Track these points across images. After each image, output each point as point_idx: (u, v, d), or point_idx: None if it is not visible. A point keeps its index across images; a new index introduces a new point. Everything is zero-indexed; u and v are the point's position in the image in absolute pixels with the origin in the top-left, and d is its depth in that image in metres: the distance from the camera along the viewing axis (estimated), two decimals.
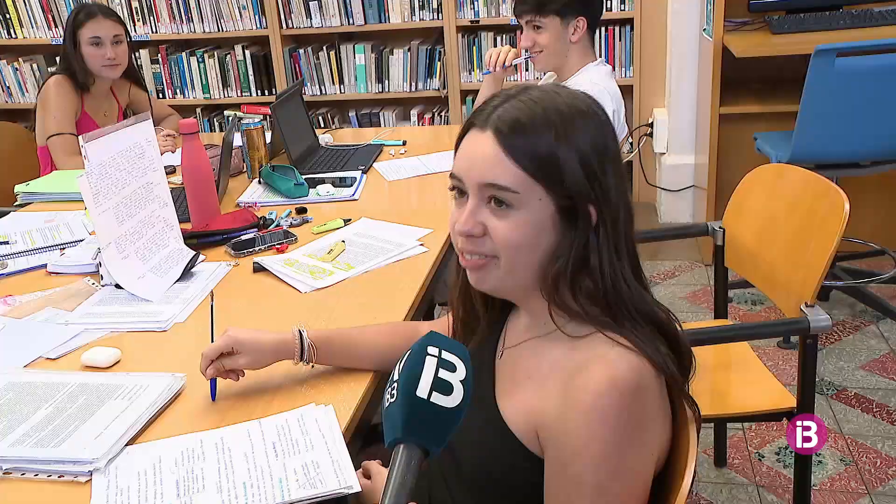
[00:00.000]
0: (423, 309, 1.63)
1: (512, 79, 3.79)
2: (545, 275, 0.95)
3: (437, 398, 0.81)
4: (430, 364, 0.82)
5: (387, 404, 0.84)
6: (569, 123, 0.93)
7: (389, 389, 0.84)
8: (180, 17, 4.03)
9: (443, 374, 0.82)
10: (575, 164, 0.92)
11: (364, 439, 1.20)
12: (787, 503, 2.04)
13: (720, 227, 1.92)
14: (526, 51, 2.31)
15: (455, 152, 0.99)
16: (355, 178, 2.21)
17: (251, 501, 0.97)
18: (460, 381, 0.83)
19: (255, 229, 1.87)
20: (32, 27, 4.17)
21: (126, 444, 1.10)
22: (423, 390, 0.81)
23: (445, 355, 0.84)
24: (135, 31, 4.05)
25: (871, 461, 2.17)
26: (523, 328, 1.04)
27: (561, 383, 0.93)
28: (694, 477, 0.91)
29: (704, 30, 3.32)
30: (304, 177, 2.15)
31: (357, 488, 0.98)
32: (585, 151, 0.93)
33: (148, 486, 1.02)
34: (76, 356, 1.35)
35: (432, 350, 0.84)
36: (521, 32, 2.30)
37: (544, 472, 0.94)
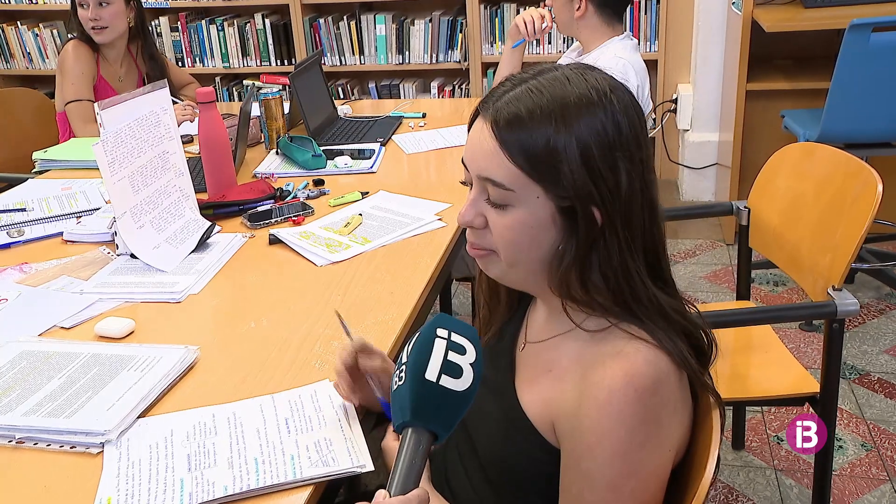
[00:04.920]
0: (440, 285, 1.61)
1: (534, 51, 3.74)
2: (552, 272, 0.91)
3: (446, 381, 0.79)
4: (439, 346, 0.80)
5: (395, 387, 0.82)
6: (573, 118, 0.85)
7: (398, 372, 0.82)
8: None
9: (452, 356, 0.80)
10: (576, 165, 0.85)
11: (377, 417, 1.18)
12: (806, 488, 2.02)
13: (745, 207, 1.87)
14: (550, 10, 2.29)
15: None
16: (374, 150, 2.19)
17: (262, 478, 0.96)
18: (470, 364, 0.81)
19: (272, 201, 1.85)
20: None
21: (138, 417, 1.09)
22: (432, 373, 0.79)
23: (455, 338, 0.81)
24: None
25: (893, 447, 2.13)
26: (543, 322, 1.01)
27: (578, 377, 0.90)
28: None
29: (734, 3, 3.23)
30: (321, 148, 2.13)
31: (369, 467, 0.97)
32: (590, 148, 0.85)
33: (159, 460, 1.01)
34: (90, 326, 1.34)
35: (442, 332, 0.81)
36: None
37: (560, 464, 0.91)
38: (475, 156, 0.91)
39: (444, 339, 0.81)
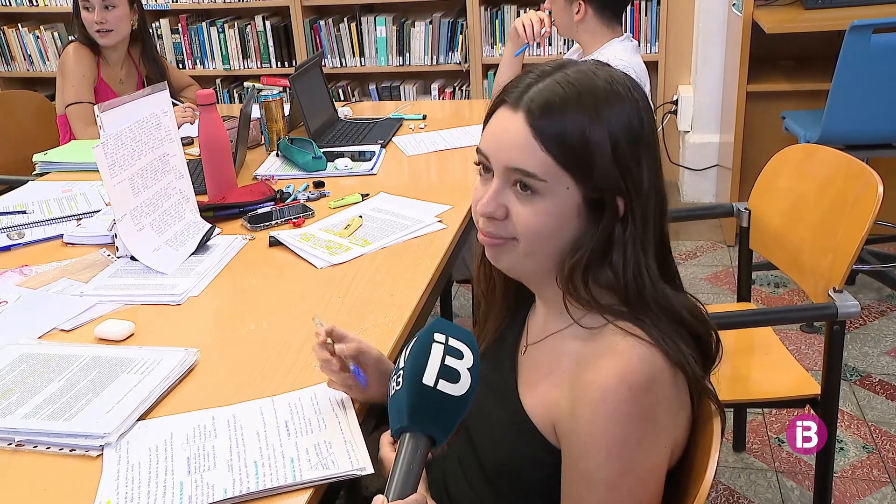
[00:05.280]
0: (441, 287, 1.61)
1: (534, 53, 3.74)
2: (563, 263, 0.91)
3: (443, 386, 0.79)
4: (436, 351, 0.80)
5: (392, 392, 0.82)
6: (605, 109, 0.87)
7: (395, 377, 0.82)
8: None
9: (450, 361, 0.80)
10: (607, 156, 0.86)
11: (377, 419, 1.18)
12: (807, 490, 2.01)
13: (746, 209, 1.87)
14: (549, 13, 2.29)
15: (484, 126, 0.95)
16: (374, 152, 2.18)
17: (262, 481, 0.95)
18: (467, 369, 0.81)
19: (272, 203, 1.85)
20: None
21: (138, 419, 1.09)
22: (429, 378, 0.79)
23: (452, 342, 0.81)
24: None
25: (894, 449, 2.13)
26: (542, 322, 1.01)
27: (574, 376, 0.90)
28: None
29: (734, 5, 3.23)
30: (322, 150, 2.13)
31: (370, 470, 0.96)
32: (619, 141, 0.87)
33: (159, 463, 1.00)
34: (90, 328, 1.34)
35: (439, 337, 0.81)
36: None
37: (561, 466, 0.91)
38: (502, 146, 0.90)
39: (442, 343, 0.81)
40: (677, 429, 0.91)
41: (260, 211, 1.79)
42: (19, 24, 4.26)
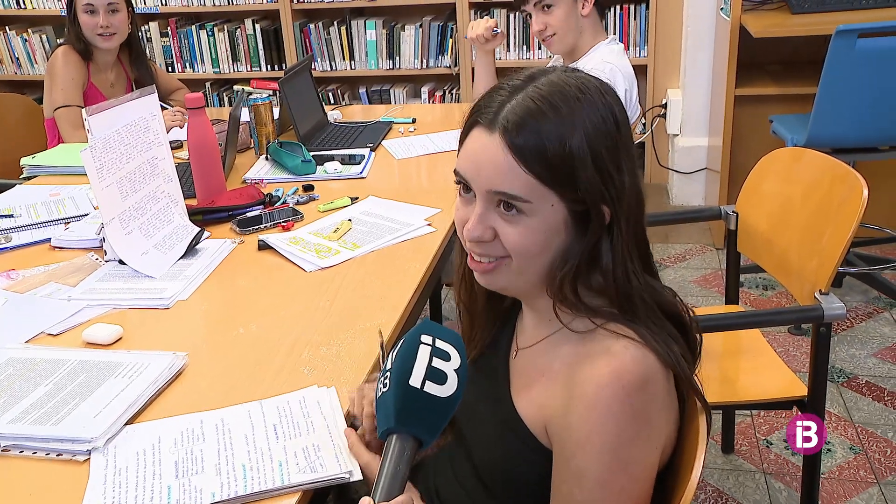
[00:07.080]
0: (430, 290, 1.61)
1: (524, 56, 3.75)
2: (554, 274, 0.91)
3: (430, 388, 0.79)
4: (423, 353, 0.80)
5: (379, 394, 0.82)
6: (580, 119, 0.86)
7: (382, 378, 0.82)
8: None
9: (437, 363, 0.80)
10: (588, 166, 0.86)
11: None
12: (795, 491, 2.02)
13: (733, 212, 1.88)
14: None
15: (459, 146, 0.93)
16: (363, 155, 2.19)
17: (250, 485, 0.95)
18: (454, 371, 0.81)
19: (261, 206, 1.84)
20: None
21: (125, 424, 1.09)
22: (416, 380, 0.79)
23: (440, 344, 0.81)
24: (144, 2, 4.01)
25: (880, 450, 2.14)
26: (532, 328, 1.01)
27: (567, 377, 0.90)
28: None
29: (722, 9, 3.25)
30: (311, 154, 2.13)
31: (357, 474, 0.96)
32: (598, 149, 0.86)
33: (146, 467, 1.00)
34: (77, 332, 1.34)
35: (426, 339, 0.82)
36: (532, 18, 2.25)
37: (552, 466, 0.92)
38: (482, 170, 0.89)
39: (429, 345, 0.81)
40: (668, 429, 0.92)
41: (249, 214, 1.79)
42: (7, 27, 4.24)
